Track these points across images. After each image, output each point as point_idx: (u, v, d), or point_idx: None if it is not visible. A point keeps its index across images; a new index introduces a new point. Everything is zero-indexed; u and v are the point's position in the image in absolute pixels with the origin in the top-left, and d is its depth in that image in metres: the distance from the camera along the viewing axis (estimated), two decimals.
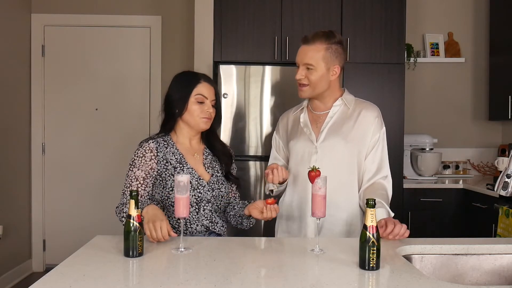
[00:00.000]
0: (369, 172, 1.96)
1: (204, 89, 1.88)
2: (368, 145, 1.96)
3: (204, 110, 1.87)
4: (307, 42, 1.94)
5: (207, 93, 1.88)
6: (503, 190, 1.57)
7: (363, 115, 1.97)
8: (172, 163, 1.85)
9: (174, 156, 1.86)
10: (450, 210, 3.52)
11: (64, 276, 1.31)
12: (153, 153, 1.84)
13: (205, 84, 1.89)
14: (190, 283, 1.26)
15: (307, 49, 1.93)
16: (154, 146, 1.85)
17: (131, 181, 1.81)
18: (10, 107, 3.87)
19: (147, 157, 1.83)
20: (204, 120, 1.87)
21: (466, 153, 4.17)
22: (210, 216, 1.86)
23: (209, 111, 1.87)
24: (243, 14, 3.41)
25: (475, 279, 1.63)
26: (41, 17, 4.20)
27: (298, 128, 2.04)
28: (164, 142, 1.89)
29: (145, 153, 1.84)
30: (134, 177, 1.81)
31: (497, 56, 3.94)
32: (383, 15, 3.45)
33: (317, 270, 1.42)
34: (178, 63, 4.20)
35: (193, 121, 1.88)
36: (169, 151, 1.87)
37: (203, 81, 1.90)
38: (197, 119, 1.87)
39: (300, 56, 1.95)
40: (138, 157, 1.84)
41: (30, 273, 4.16)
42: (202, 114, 1.87)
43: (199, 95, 1.87)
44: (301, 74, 1.94)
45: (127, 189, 1.82)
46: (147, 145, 1.85)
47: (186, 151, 1.91)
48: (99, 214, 4.18)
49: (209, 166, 1.93)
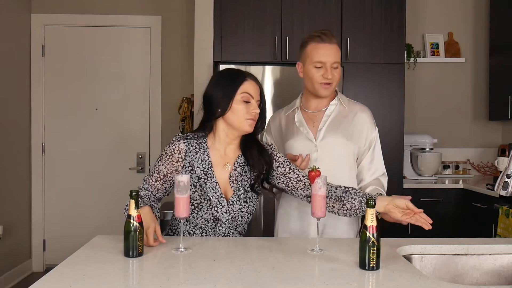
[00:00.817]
0: (369, 171, 1.99)
1: (251, 87, 1.73)
2: (363, 146, 2.00)
3: (250, 111, 1.71)
4: (325, 41, 1.94)
5: (253, 91, 1.73)
6: (503, 190, 1.56)
7: (359, 117, 2.01)
8: (197, 172, 1.73)
9: (202, 165, 1.73)
10: (450, 210, 3.52)
11: (64, 276, 1.31)
12: (181, 156, 1.73)
13: (251, 82, 1.74)
14: (190, 283, 1.26)
15: (331, 47, 1.94)
16: (184, 148, 1.74)
17: (153, 171, 1.77)
18: (10, 107, 3.87)
19: (174, 158, 1.74)
20: (249, 121, 1.71)
21: (466, 153, 4.16)
22: (227, 233, 1.79)
23: (255, 111, 1.71)
24: (243, 14, 3.41)
25: (475, 279, 1.63)
26: (41, 17, 4.20)
27: (294, 127, 2.05)
28: (197, 145, 1.75)
29: (173, 153, 1.74)
30: (157, 170, 1.76)
31: (497, 56, 3.94)
32: (383, 15, 3.45)
33: (317, 270, 1.42)
34: (178, 63, 4.21)
35: (237, 122, 1.71)
36: (199, 157, 1.74)
37: (249, 79, 1.75)
38: (241, 120, 1.71)
39: (328, 55, 1.93)
40: (167, 154, 1.75)
41: (30, 273, 4.17)
42: (248, 115, 1.71)
43: (245, 94, 1.71)
44: (331, 74, 1.93)
45: (149, 177, 1.78)
46: (178, 144, 1.74)
47: (217, 160, 1.76)
48: (99, 214, 4.18)
49: (235, 179, 1.77)
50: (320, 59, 1.93)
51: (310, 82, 1.98)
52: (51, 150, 4.25)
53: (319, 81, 1.95)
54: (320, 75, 1.94)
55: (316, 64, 1.94)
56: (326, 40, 1.94)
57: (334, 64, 1.94)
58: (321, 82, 1.95)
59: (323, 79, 1.94)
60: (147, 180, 1.78)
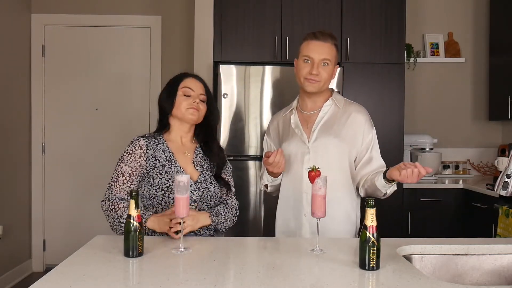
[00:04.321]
0: (369, 168, 1.98)
1: (190, 82, 1.91)
2: (360, 147, 1.99)
3: (190, 102, 1.88)
4: (319, 39, 1.95)
5: (193, 86, 1.91)
6: (503, 190, 1.56)
7: (353, 117, 2.00)
8: (161, 160, 1.85)
9: (164, 154, 1.87)
10: (450, 210, 3.52)
11: (64, 276, 1.31)
12: (143, 150, 1.85)
13: (191, 79, 1.93)
14: (190, 283, 1.26)
15: (323, 45, 1.95)
16: (144, 143, 1.87)
17: (118, 176, 1.83)
18: (10, 107, 3.87)
19: (137, 154, 1.85)
20: (190, 110, 1.87)
21: (466, 153, 4.16)
22: None
23: (195, 101, 1.88)
24: (243, 14, 3.41)
25: (475, 279, 1.63)
26: (41, 17, 4.20)
27: (290, 129, 2.06)
28: (155, 140, 1.90)
29: (134, 150, 1.85)
30: (121, 173, 1.83)
31: (497, 56, 3.94)
32: (383, 15, 3.45)
33: (317, 270, 1.42)
34: (178, 63, 4.20)
35: (180, 114, 1.89)
36: (159, 149, 1.88)
37: (190, 77, 1.94)
38: (183, 110, 1.87)
39: (317, 51, 1.94)
40: (128, 153, 1.86)
41: (30, 273, 4.17)
42: (188, 106, 1.87)
43: (185, 88, 1.89)
44: (317, 70, 1.94)
45: (114, 183, 1.83)
46: (138, 142, 1.87)
47: (177, 149, 1.92)
48: (99, 214, 4.12)
49: (198, 164, 1.92)
50: (309, 53, 1.96)
51: (297, 76, 2.01)
52: (51, 150, 4.25)
53: (304, 75, 1.96)
54: (307, 70, 1.96)
55: (304, 58, 1.96)
56: (320, 38, 1.95)
57: (323, 61, 1.94)
58: (306, 77, 1.96)
59: (309, 74, 1.95)
60: (112, 188, 1.83)
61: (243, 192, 3.29)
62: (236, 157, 3.31)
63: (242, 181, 3.30)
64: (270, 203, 3.23)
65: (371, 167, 1.98)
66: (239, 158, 3.33)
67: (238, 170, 3.27)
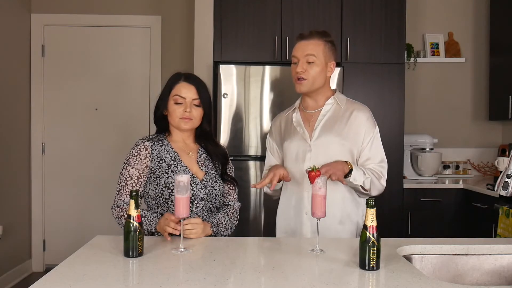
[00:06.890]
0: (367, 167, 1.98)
1: (182, 89, 1.87)
2: (361, 146, 1.99)
3: (182, 111, 1.86)
4: (304, 38, 1.96)
5: (185, 93, 1.86)
6: (503, 190, 1.56)
7: (355, 116, 1.99)
8: (166, 160, 1.86)
9: (168, 154, 1.87)
10: (450, 210, 3.52)
11: (64, 276, 1.31)
12: (148, 151, 1.85)
13: (183, 84, 1.88)
14: (190, 283, 1.26)
15: (307, 43, 1.95)
16: (149, 144, 1.87)
17: (126, 179, 1.83)
18: (10, 107, 3.87)
19: (142, 155, 1.85)
20: (183, 120, 1.87)
21: (466, 153, 4.16)
22: (202, 214, 1.85)
23: (187, 110, 1.85)
24: (243, 14, 3.41)
25: (475, 279, 1.63)
26: (41, 17, 4.20)
27: (292, 128, 2.06)
28: (159, 141, 1.90)
29: (140, 152, 1.85)
30: (128, 176, 1.84)
31: (497, 56, 3.94)
32: (383, 15, 3.45)
33: (317, 270, 1.42)
34: (178, 63, 4.20)
35: (174, 123, 1.89)
36: (164, 149, 1.88)
37: (182, 81, 1.89)
38: (176, 120, 1.87)
39: (301, 49, 1.94)
40: (133, 155, 1.85)
41: (30, 273, 4.17)
42: (181, 115, 1.86)
43: (176, 96, 1.87)
44: (302, 67, 1.93)
45: (122, 188, 1.83)
46: (142, 144, 1.87)
47: (181, 149, 1.92)
48: (99, 214, 4.17)
49: (203, 164, 1.92)
50: (294, 53, 1.97)
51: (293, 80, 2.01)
52: (51, 150, 4.25)
53: (293, 76, 1.97)
54: (294, 71, 1.96)
55: (292, 59, 1.97)
56: (305, 38, 1.96)
57: (306, 57, 1.93)
58: (294, 78, 1.97)
59: (295, 74, 1.95)
60: (121, 192, 1.83)
61: (243, 192, 3.29)
62: (236, 157, 3.31)
63: (242, 181, 3.30)
64: (270, 203, 3.23)
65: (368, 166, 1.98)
66: (239, 158, 3.33)
67: (238, 170, 3.26)
